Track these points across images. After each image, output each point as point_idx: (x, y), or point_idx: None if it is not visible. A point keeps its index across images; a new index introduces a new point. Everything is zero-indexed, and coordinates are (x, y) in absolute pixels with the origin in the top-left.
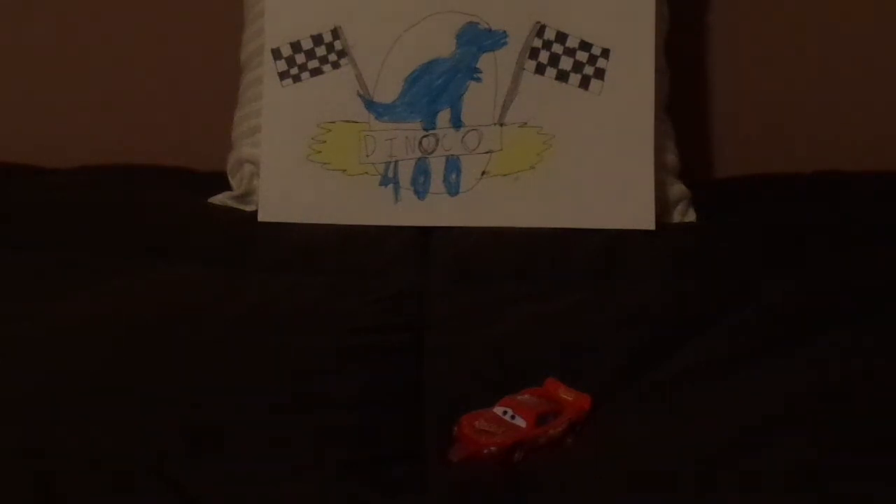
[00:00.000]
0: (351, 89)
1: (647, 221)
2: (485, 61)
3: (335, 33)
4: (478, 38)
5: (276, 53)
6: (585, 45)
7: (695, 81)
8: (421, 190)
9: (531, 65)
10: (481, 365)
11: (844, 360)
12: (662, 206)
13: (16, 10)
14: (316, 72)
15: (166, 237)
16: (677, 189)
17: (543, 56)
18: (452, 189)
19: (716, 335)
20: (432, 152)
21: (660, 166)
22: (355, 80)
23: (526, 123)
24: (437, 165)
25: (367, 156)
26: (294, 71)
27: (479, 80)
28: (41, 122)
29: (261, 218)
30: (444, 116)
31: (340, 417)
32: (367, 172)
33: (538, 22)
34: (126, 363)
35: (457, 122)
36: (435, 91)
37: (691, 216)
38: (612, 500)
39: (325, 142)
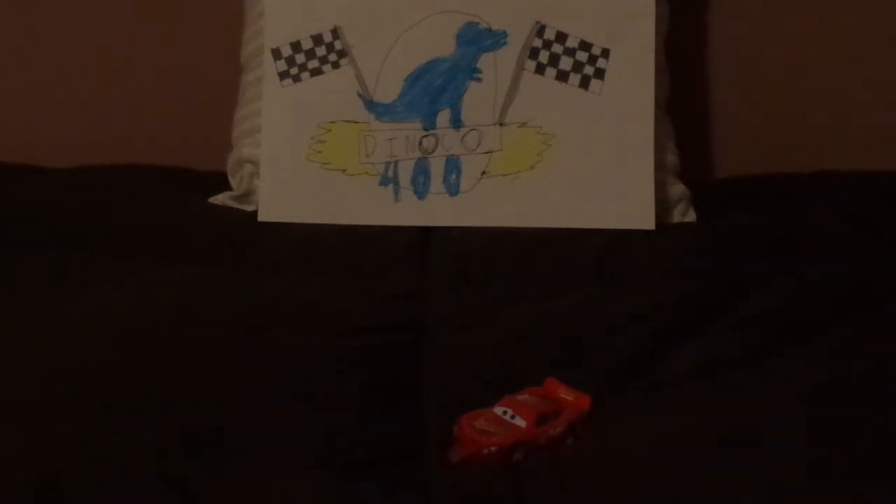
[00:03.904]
0: (351, 89)
1: (647, 221)
2: (485, 61)
3: (335, 33)
4: (478, 38)
5: (276, 53)
6: (585, 45)
7: (695, 81)
8: (421, 190)
9: (531, 65)
10: (481, 365)
11: (844, 360)
12: (662, 206)
13: (16, 10)
14: (316, 72)
15: (166, 237)
16: (677, 189)
17: (543, 56)
18: (452, 189)
19: (716, 335)
20: (432, 152)
21: (660, 166)
22: (355, 80)
23: (526, 123)
24: (437, 165)
25: (367, 156)
26: (294, 71)
27: (479, 80)
28: (41, 122)
29: (261, 218)
30: (444, 116)
31: (340, 417)
32: (367, 172)
33: (538, 22)
34: (126, 363)
35: (457, 122)
36: (435, 91)
37: (691, 216)
38: (612, 499)
39: (325, 142)
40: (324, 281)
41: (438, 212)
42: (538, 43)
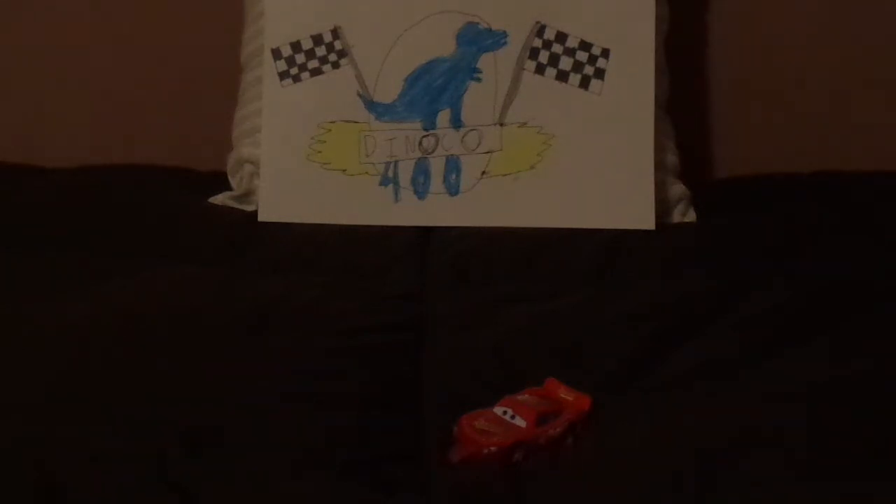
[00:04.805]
0: (351, 89)
1: (647, 221)
2: (485, 61)
3: (335, 33)
4: (478, 38)
5: (276, 53)
6: (585, 45)
7: (695, 81)
8: (421, 190)
9: (531, 65)
10: (481, 365)
11: (844, 360)
12: (662, 206)
13: (16, 9)
14: (316, 72)
15: (166, 237)
16: (677, 189)
17: (543, 56)
18: (452, 189)
19: (715, 335)
20: (432, 152)
21: (660, 166)
22: (355, 80)
23: (526, 123)
24: (437, 165)
25: (367, 156)
26: (294, 71)
27: (479, 80)
28: (41, 122)
29: (261, 218)
30: (444, 116)
31: (340, 417)
32: (367, 172)
33: (538, 22)
34: (126, 363)
35: (457, 122)
36: (435, 91)
37: (691, 216)
38: (612, 500)
39: (325, 142)
40: (324, 281)
41: (438, 212)
42: (538, 43)
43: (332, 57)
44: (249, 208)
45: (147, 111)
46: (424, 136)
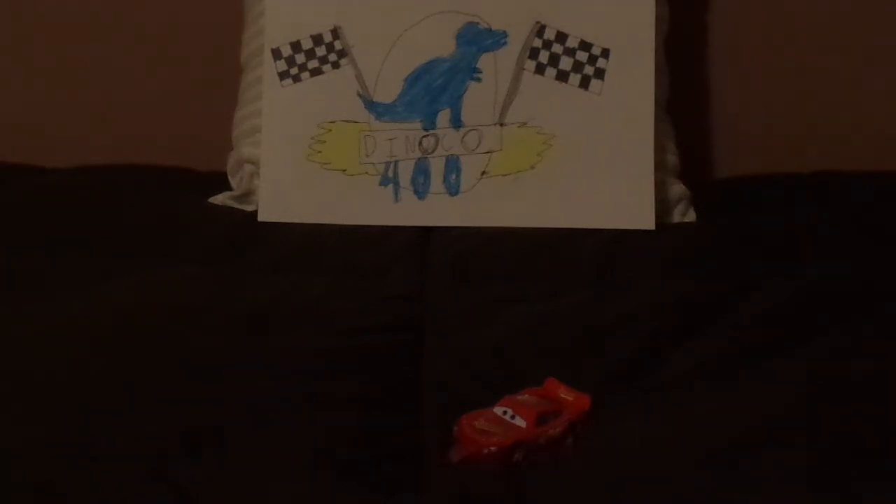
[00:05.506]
0: (351, 89)
1: (647, 221)
2: (485, 61)
3: (335, 33)
4: (478, 38)
5: (276, 53)
6: (585, 45)
7: (695, 81)
8: (421, 190)
9: (531, 65)
10: (481, 365)
11: (844, 360)
12: (662, 206)
13: (16, 9)
14: (316, 72)
15: (166, 237)
16: (677, 189)
17: (543, 56)
18: (452, 189)
19: (715, 335)
20: (432, 152)
21: (660, 166)
22: (355, 80)
23: (526, 123)
24: (437, 165)
25: (367, 156)
26: (294, 71)
27: (479, 80)
28: (41, 122)
29: (261, 218)
30: (444, 116)
31: (340, 417)
32: (367, 172)
33: (538, 22)
34: (126, 363)
35: (457, 122)
36: (435, 91)
37: (691, 216)
38: (612, 500)
39: (325, 142)
40: (324, 281)
41: (438, 212)
42: (538, 43)
43: (332, 57)
44: (249, 208)
45: (147, 111)
46: (424, 136)
